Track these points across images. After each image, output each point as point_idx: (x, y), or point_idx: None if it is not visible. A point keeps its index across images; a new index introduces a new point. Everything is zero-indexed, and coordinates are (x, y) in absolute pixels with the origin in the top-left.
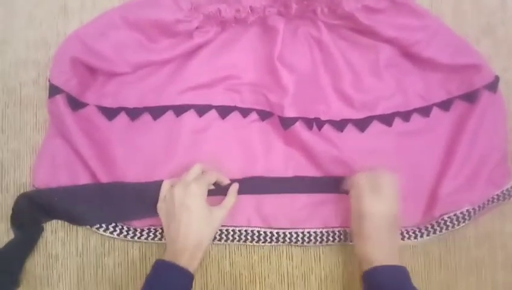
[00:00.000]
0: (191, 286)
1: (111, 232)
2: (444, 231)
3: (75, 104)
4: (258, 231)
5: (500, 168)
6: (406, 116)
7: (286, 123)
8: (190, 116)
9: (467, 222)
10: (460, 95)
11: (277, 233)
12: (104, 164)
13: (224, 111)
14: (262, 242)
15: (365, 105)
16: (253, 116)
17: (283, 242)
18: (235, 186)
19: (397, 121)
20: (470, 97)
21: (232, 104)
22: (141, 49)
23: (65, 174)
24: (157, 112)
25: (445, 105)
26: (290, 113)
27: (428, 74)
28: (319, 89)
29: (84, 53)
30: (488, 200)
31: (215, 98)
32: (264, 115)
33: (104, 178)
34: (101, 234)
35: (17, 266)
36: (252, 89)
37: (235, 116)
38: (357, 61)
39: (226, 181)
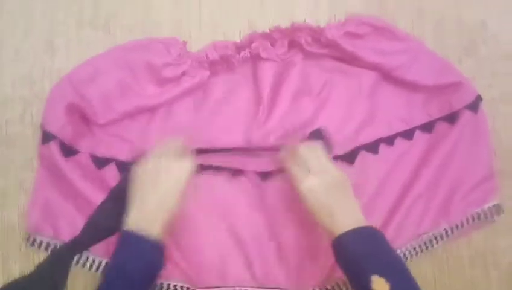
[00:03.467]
0: (163, 254)
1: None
2: (424, 251)
3: (68, 151)
4: None
5: (483, 186)
6: (389, 141)
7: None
8: None
9: (445, 240)
10: (442, 116)
11: None
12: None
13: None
14: None
15: (350, 138)
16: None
17: None
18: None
19: (382, 147)
20: (451, 118)
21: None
22: (130, 93)
23: (59, 219)
24: None
25: (427, 127)
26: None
27: (411, 96)
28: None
29: (76, 99)
30: (467, 219)
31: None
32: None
33: None
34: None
35: None
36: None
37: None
38: (342, 92)
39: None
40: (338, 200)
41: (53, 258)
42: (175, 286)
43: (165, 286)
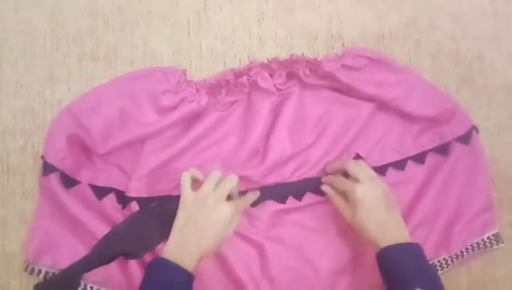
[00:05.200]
0: (192, 288)
1: None
2: None
3: (69, 182)
4: None
5: (482, 217)
6: (381, 171)
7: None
8: None
9: (445, 270)
10: (434, 148)
11: None
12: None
13: None
14: None
15: None
16: None
17: None
18: (253, 195)
19: None
20: (443, 150)
21: None
22: (131, 122)
23: (59, 248)
24: (145, 202)
25: (419, 158)
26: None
27: (406, 126)
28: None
29: (76, 130)
30: (467, 248)
31: None
32: None
33: None
34: None
35: None
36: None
37: None
38: (340, 122)
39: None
40: (388, 212)
41: (62, 275)
42: None
43: None
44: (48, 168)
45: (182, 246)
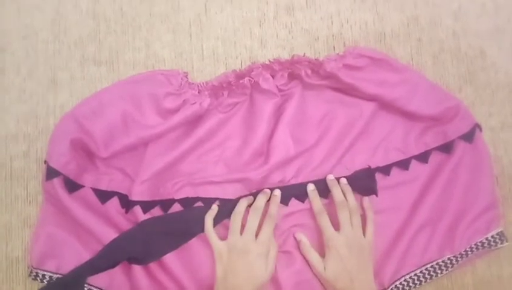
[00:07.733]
0: None
1: None
2: (428, 280)
3: (72, 186)
4: None
5: (486, 215)
6: (386, 170)
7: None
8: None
9: (450, 269)
10: (437, 146)
11: None
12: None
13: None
14: None
15: (348, 168)
16: None
17: None
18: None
19: (379, 177)
20: (447, 148)
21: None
22: (133, 125)
23: (63, 253)
24: (147, 206)
25: (423, 157)
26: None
27: (409, 125)
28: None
29: (79, 134)
30: (471, 247)
31: (207, 192)
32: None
33: None
34: None
35: None
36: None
37: None
38: (342, 122)
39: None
40: (359, 266)
41: (65, 279)
42: None
43: None
44: (51, 173)
45: None
